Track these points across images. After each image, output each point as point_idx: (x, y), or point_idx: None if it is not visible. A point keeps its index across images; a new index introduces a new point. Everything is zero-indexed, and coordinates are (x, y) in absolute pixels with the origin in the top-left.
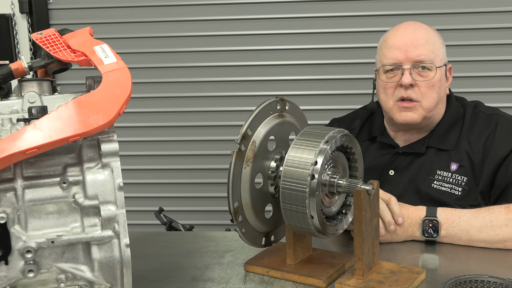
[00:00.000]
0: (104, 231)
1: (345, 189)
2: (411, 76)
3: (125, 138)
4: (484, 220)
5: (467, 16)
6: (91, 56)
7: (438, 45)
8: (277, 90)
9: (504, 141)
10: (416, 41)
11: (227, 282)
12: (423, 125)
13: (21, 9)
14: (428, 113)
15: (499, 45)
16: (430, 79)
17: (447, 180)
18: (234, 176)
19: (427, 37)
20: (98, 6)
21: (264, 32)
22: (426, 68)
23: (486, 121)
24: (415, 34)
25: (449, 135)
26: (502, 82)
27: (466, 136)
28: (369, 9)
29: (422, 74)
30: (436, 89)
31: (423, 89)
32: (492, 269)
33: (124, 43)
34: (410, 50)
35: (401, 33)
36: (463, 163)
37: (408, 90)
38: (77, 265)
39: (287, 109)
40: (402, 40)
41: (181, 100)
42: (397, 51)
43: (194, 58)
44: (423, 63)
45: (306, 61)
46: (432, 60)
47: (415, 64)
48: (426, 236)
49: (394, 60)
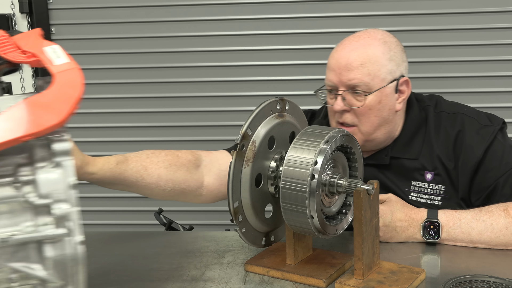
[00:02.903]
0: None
1: (345, 189)
2: (344, 102)
3: (125, 138)
4: (485, 223)
5: (467, 16)
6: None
7: (379, 65)
8: (277, 90)
9: (475, 145)
10: (350, 64)
11: (227, 282)
12: (369, 147)
13: (21, 9)
14: (369, 137)
15: (499, 45)
16: (366, 104)
17: (424, 191)
18: (234, 176)
19: (364, 58)
20: (98, 6)
21: (264, 32)
22: (361, 92)
23: (450, 122)
24: (350, 56)
25: (413, 143)
26: (502, 82)
27: (434, 141)
28: (369, 9)
29: (357, 98)
30: (375, 112)
31: (359, 114)
32: (492, 269)
33: (124, 43)
34: (343, 74)
35: (338, 53)
36: (438, 171)
37: (343, 115)
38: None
39: (287, 109)
40: (337, 62)
41: (181, 100)
42: (332, 73)
43: (194, 58)
44: (356, 88)
45: (306, 61)
46: (367, 83)
47: (349, 89)
48: (427, 238)
49: (330, 82)
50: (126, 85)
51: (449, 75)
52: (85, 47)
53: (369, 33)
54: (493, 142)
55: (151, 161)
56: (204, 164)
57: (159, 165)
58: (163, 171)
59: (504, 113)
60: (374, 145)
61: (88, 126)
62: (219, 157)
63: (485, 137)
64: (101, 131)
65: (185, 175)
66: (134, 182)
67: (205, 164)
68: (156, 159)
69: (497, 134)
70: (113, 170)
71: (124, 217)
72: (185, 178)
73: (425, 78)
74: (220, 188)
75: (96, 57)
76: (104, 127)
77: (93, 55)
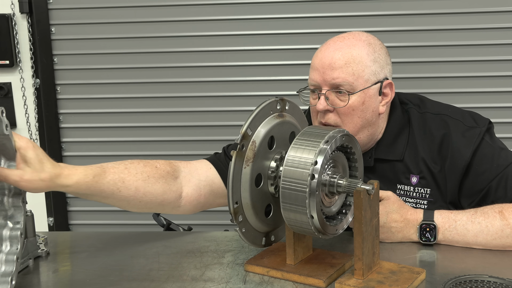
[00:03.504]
0: None
1: (345, 189)
2: (327, 101)
3: (125, 138)
4: (480, 225)
5: (467, 16)
6: None
7: (363, 65)
8: (277, 90)
9: (462, 148)
10: (334, 63)
11: (227, 282)
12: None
13: (21, 9)
14: None
15: (499, 45)
16: (350, 104)
17: (410, 195)
18: (234, 176)
19: (348, 57)
20: (98, 6)
21: (264, 32)
22: (344, 92)
23: (434, 123)
24: (334, 55)
25: (396, 144)
26: (502, 82)
27: (419, 143)
28: (369, 9)
29: (340, 98)
30: (358, 113)
31: (341, 115)
32: (492, 269)
33: (124, 43)
34: (327, 73)
35: (322, 53)
36: (423, 174)
37: (326, 115)
38: None
39: (287, 109)
40: (321, 61)
41: (181, 100)
42: (315, 72)
43: (194, 58)
44: (340, 87)
45: (306, 61)
46: (351, 83)
47: (332, 88)
48: (423, 241)
49: (313, 81)
50: (126, 85)
51: (448, 75)
52: (85, 47)
53: (354, 34)
54: (481, 144)
55: (129, 173)
56: (182, 175)
57: (137, 176)
58: (141, 183)
59: (504, 113)
60: (367, 142)
61: (88, 126)
62: (198, 167)
63: (471, 140)
64: (101, 131)
65: (163, 187)
66: (110, 194)
67: (184, 175)
68: (134, 171)
69: (484, 135)
70: (89, 184)
71: (124, 217)
72: (164, 190)
73: (423, 78)
74: (199, 199)
75: (96, 57)
76: (104, 127)
77: (93, 55)
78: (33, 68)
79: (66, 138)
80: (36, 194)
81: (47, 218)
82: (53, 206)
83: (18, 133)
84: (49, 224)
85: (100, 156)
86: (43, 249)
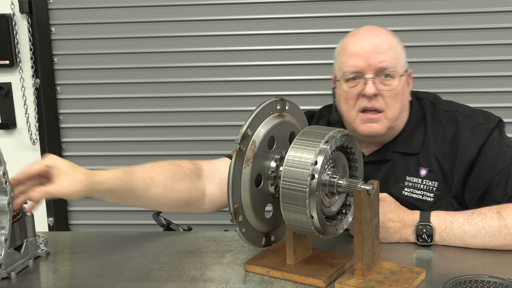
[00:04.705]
0: None
1: (345, 189)
2: (375, 85)
3: (125, 138)
4: (477, 226)
5: (467, 16)
6: None
7: (399, 51)
8: (277, 90)
9: (470, 143)
10: (378, 47)
11: (227, 282)
12: (387, 136)
13: (21, 9)
14: (393, 123)
15: (499, 45)
16: (394, 88)
17: (417, 187)
18: (234, 176)
19: (389, 43)
20: (98, 6)
21: (264, 32)
22: (389, 76)
23: (447, 120)
24: (376, 41)
25: (414, 138)
26: (502, 82)
27: (431, 138)
28: (369, 9)
29: (385, 83)
30: (399, 98)
31: (387, 98)
32: (492, 269)
33: (124, 43)
34: (372, 57)
35: (362, 40)
36: (433, 167)
37: (372, 100)
38: None
39: (287, 109)
40: (363, 47)
41: (181, 100)
42: (358, 58)
43: (194, 58)
44: (386, 70)
45: (306, 61)
46: (394, 67)
47: (377, 72)
48: (420, 242)
49: (355, 68)
50: (126, 85)
51: (448, 75)
52: (85, 47)
53: (376, 27)
54: (488, 140)
55: (156, 171)
56: (205, 173)
57: (164, 174)
58: (168, 181)
59: (504, 113)
60: (392, 135)
61: (88, 126)
62: (218, 165)
63: (479, 135)
64: (101, 131)
65: (188, 185)
66: (142, 192)
67: (206, 173)
68: (161, 169)
69: (492, 131)
70: (122, 179)
71: (124, 217)
72: (189, 187)
73: (424, 78)
74: (222, 196)
75: (96, 57)
76: (104, 127)
77: (93, 55)
78: (33, 68)
79: (66, 138)
80: None
81: (47, 218)
82: (53, 206)
83: (18, 133)
84: (49, 224)
85: (100, 156)
86: (43, 249)
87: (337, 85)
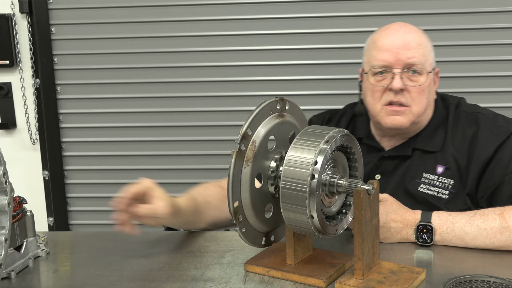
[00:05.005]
0: None
1: (345, 189)
2: (402, 80)
3: (125, 138)
4: (479, 228)
5: (467, 16)
6: None
7: (429, 49)
8: (277, 90)
9: (488, 142)
10: (408, 44)
11: (227, 282)
12: (410, 130)
13: (21, 9)
14: (417, 119)
15: (499, 45)
16: (421, 84)
17: (433, 184)
18: (234, 176)
19: (419, 40)
20: (98, 6)
21: (264, 32)
22: (417, 72)
23: (468, 121)
24: (406, 37)
25: (435, 137)
26: (502, 82)
27: (451, 138)
28: (369, 9)
29: (412, 79)
30: (425, 94)
31: (413, 94)
32: (492, 269)
33: (124, 43)
34: (401, 53)
35: (392, 35)
36: (450, 165)
37: (398, 94)
38: None
39: (287, 109)
40: (393, 42)
41: (181, 100)
42: (387, 53)
43: (194, 58)
44: (414, 66)
45: (306, 61)
46: (423, 64)
47: (405, 68)
48: (420, 242)
49: (384, 62)
50: (126, 85)
51: (449, 75)
52: (85, 47)
53: (407, 24)
54: (506, 142)
55: (209, 195)
56: None
57: (215, 197)
58: (219, 204)
59: (504, 113)
60: (415, 130)
61: (88, 126)
62: None
63: (498, 136)
64: (101, 131)
65: None
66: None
67: None
68: (211, 192)
69: (511, 134)
70: (191, 203)
71: None
72: None
73: None
74: None
75: (96, 57)
76: (104, 127)
77: (93, 55)
78: (33, 68)
79: (66, 138)
80: (36, 194)
81: (47, 218)
82: (53, 206)
83: (18, 133)
84: (49, 224)
85: (100, 156)
86: (43, 249)
87: (364, 78)
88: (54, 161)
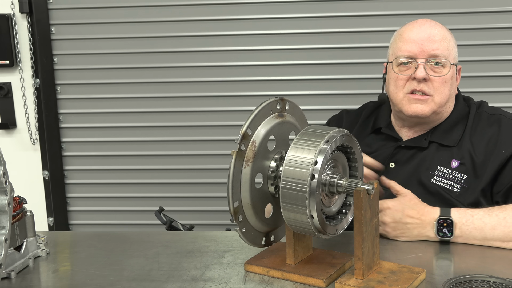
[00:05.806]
0: None
1: (345, 189)
2: (425, 70)
3: (125, 138)
4: (498, 217)
5: (467, 16)
6: None
7: (452, 44)
8: (277, 90)
9: (509, 141)
10: (433, 36)
11: (227, 282)
12: (431, 120)
13: (21, 9)
14: (439, 108)
15: (499, 45)
16: (444, 75)
17: (446, 177)
18: (234, 176)
19: (443, 34)
20: (98, 6)
21: (264, 32)
22: (440, 64)
23: (488, 121)
24: (431, 30)
25: (452, 132)
26: (502, 82)
27: (469, 135)
28: (369, 9)
29: (435, 70)
30: (448, 86)
31: (436, 84)
32: (492, 269)
33: (124, 43)
34: (426, 45)
35: (418, 28)
36: (464, 161)
37: (420, 83)
38: None
39: (287, 109)
40: (418, 34)
41: (181, 100)
42: (412, 44)
43: (194, 58)
44: (437, 58)
45: (306, 61)
46: (446, 56)
47: (429, 59)
48: (441, 236)
49: (409, 53)
50: (126, 85)
51: None
52: (85, 47)
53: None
54: None
55: None
56: None
57: None
58: None
59: None
60: (435, 120)
61: (88, 126)
62: None
63: None
64: (101, 131)
65: None
66: None
67: None
68: None
69: None
70: None
71: (124, 217)
72: None
73: None
74: None
75: (96, 57)
76: (104, 127)
77: (93, 55)
78: (33, 68)
79: (66, 138)
80: (36, 194)
81: (47, 218)
82: (53, 206)
83: (18, 133)
84: (49, 224)
85: (100, 156)
86: (43, 249)
87: (388, 69)
88: (54, 161)
